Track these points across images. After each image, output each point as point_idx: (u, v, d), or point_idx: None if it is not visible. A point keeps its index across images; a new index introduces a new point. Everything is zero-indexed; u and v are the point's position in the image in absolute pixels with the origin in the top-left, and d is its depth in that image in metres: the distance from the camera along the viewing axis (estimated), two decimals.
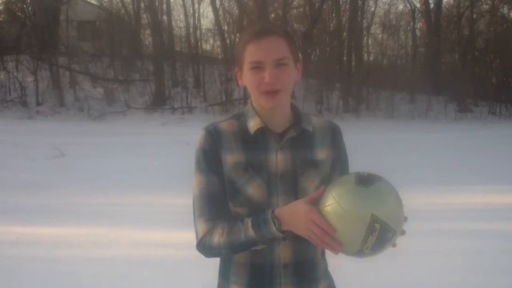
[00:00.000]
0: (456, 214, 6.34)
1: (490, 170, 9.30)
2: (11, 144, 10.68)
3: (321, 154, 1.55)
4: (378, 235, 1.29)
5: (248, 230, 1.40)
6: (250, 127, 1.50)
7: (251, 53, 1.44)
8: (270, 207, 1.46)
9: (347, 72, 20.04)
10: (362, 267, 4.26)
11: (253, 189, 1.47)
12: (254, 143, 1.50)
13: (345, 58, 20.88)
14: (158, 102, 17.19)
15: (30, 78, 16.91)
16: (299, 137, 1.51)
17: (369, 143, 11.89)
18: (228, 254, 1.48)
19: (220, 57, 21.93)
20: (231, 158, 1.48)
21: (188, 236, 1.95)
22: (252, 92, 1.48)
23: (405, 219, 1.39)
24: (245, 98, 17.74)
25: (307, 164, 1.51)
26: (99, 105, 16.50)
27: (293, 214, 1.36)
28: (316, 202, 1.36)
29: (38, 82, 16.65)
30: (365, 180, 1.34)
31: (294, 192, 1.49)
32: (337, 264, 1.72)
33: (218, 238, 1.44)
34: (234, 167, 1.48)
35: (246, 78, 1.48)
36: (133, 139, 11.88)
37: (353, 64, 20.95)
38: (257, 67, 1.43)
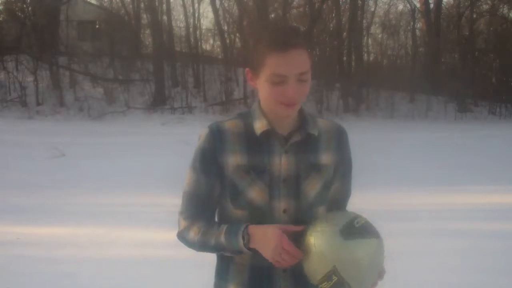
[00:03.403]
0: (456, 214, 6.34)
1: (490, 170, 9.30)
2: (11, 144, 10.68)
3: (325, 158, 1.54)
4: (333, 286, 1.33)
5: (220, 236, 1.44)
6: (256, 128, 1.47)
7: (274, 65, 1.37)
8: (271, 210, 1.46)
9: (347, 72, 20.03)
10: None
11: (254, 193, 1.46)
12: (259, 145, 1.47)
13: (345, 58, 20.87)
14: (158, 102, 17.18)
15: (30, 78, 16.91)
16: (304, 141, 1.49)
17: (369, 143, 11.88)
18: (201, 251, 1.52)
19: (220, 57, 21.93)
20: (233, 160, 1.46)
21: None
22: (269, 101, 1.44)
23: (380, 276, 1.42)
24: (245, 98, 17.74)
25: (310, 168, 1.50)
26: (99, 105, 16.49)
27: (264, 235, 1.39)
28: (290, 234, 1.39)
29: (38, 82, 16.65)
30: (351, 232, 1.35)
31: (296, 196, 1.48)
32: None
33: (193, 235, 1.49)
34: (236, 170, 1.46)
35: (263, 87, 1.42)
36: (133, 139, 11.89)
37: (353, 64, 20.94)
38: (279, 80, 1.38)
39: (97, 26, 22.83)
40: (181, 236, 1.53)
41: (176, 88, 18.28)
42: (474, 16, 22.58)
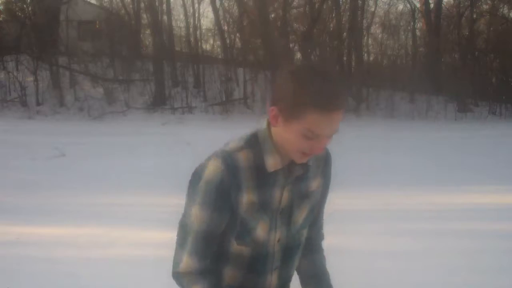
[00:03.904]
0: (456, 214, 6.33)
1: (490, 170, 9.30)
2: (11, 144, 10.68)
3: (314, 184, 1.53)
4: None
5: None
6: (268, 165, 1.40)
7: (314, 123, 1.28)
8: (268, 241, 1.46)
9: (347, 72, 20.03)
10: (362, 267, 4.27)
11: (260, 229, 1.44)
12: (267, 179, 1.42)
13: (345, 58, 20.87)
14: (158, 102, 17.18)
15: (30, 78, 16.91)
16: (301, 174, 1.48)
17: (369, 142, 11.89)
18: None
19: (220, 57, 21.91)
20: (247, 198, 1.40)
21: None
22: (289, 147, 1.36)
23: None
24: (245, 98, 17.74)
25: (302, 197, 1.49)
26: (99, 105, 16.49)
27: None
28: None
29: (38, 82, 16.65)
30: None
31: (287, 224, 1.48)
32: (337, 264, 1.72)
33: None
34: (249, 209, 1.41)
35: (291, 134, 1.33)
36: (133, 139, 11.88)
37: (353, 64, 20.93)
38: (313, 137, 1.31)
39: (97, 26, 22.81)
40: (181, 279, 1.45)
41: (176, 88, 18.28)
42: (474, 16, 22.56)
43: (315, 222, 1.63)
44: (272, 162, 1.41)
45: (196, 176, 1.42)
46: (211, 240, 1.43)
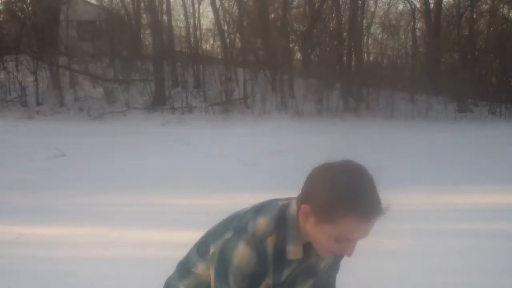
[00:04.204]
0: (456, 214, 6.34)
1: (490, 170, 9.30)
2: (11, 144, 10.68)
3: (323, 264, 1.54)
4: None
5: None
6: (290, 252, 1.40)
7: (349, 230, 1.29)
8: None
9: (347, 72, 20.03)
10: (362, 267, 4.26)
11: None
12: (284, 265, 1.43)
13: (345, 58, 20.85)
14: (158, 102, 17.17)
15: (30, 78, 16.89)
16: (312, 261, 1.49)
17: (369, 142, 11.88)
18: None
19: (220, 57, 21.91)
20: (265, 282, 1.41)
21: (188, 236, 1.95)
22: (318, 246, 1.37)
23: None
24: (245, 98, 17.72)
25: (308, 275, 1.50)
26: (99, 105, 16.48)
27: None
28: None
29: (38, 82, 16.63)
30: None
31: None
32: (340, 270, 1.72)
33: None
34: None
35: (320, 233, 1.33)
36: (133, 139, 11.88)
37: (353, 64, 20.93)
38: (345, 241, 1.33)
39: (97, 26, 22.81)
40: None
41: (176, 88, 18.27)
42: (474, 16, 22.56)
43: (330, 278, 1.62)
44: (293, 252, 1.40)
45: (225, 258, 1.39)
46: None
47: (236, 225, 1.43)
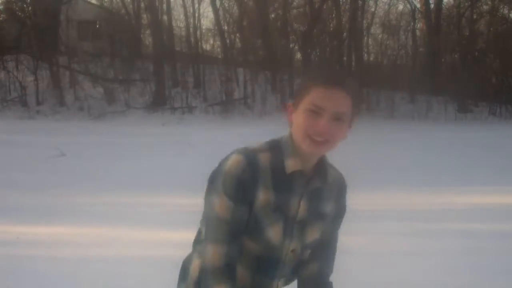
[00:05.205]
0: (456, 214, 6.34)
1: (490, 171, 9.30)
2: (11, 143, 10.68)
3: (328, 207, 1.56)
4: None
5: None
6: (288, 166, 1.46)
7: (316, 96, 1.40)
8: (282, 248, 1.49)
9: (347, 72, 20.03)
10: (360, 267, 4.27)
11: (273, 232, 1.46)
12: (285, 183, 1.46)
13: (345, 58, 20.87)
14: (158, 102, 17.18)
15: (30, 78, 16.90)
16: (319, 188, 1.51)
17: (369, 143, 11.87)
18: None
19: (220, 57, 21.92)
20: (263, 196, 1.44)
21: (188, 236, 1.95)
22: (298, 132, 1.44)
23: None
24: (245, 98, 17.74)
25: (316, 215, 1.52)
26: (99, 104, 16.49)
27: None
28: None
29: (38, 81, 16.65)
30: None
31: (301, 240, 1.51)
32: (337, 263, 1.73)
33: None
34: (264, 207, 1.44)
35: (298, 117, 1.44)
36: (133, 139, 11.88)
37: (353, 64, 20.93)
38: (315, 111, 1.40)
39: (97, 26, 22.82)
40: (205, 278, 1.45)
41: (176, 88, 18.28)
42: (475, 16, 22.57)
43: (326, 250, 1.63)
44: (292, 163, 1.45)
45: (218, 168, 1.47)
46: (236, 232, 1.44)
47: None
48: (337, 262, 1.71)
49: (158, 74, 17.89)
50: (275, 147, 1.49)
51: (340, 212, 1.62)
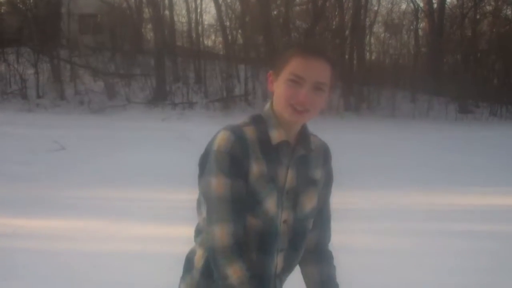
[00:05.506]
0: (455, 215, 6.33)
1: (490, 171, 9.29)
2: (11, 136, 10.65)
3: (316, 173, 1.58)
4: None
5: None
6: (273, 137, 1.49)
7: (296, 66, 1.44)
8: (277, 219, 1.49)
9: (349, 70, 19.99)
10: (361, 266, 4.25)
11: (270, 203, 1.47)
12: (273, 154, 1.49)
13: (347, 56, 20.82)
14: (159, 97, 17.14)
15: (30, 71, 16.86)
16: (304, 156, 1.54)
17: (370, 141, 11.86)
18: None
19: (221, 53, 21.87)
20: (256, 168, 1.45)
21: (187, 231, 1.92)
22: (279, 101, 1.47)
23: None
24: (246, 94, 17.70)
25: (307, 182, 1.55)
26: (99, 99, 16.46)
27: None
28: None
29: (38, 74, 16.61)
30: None
31: (293, 208, 1.53)
32: (336, 262, 1.70)
33: (233, 274, 1.40)
34: (259, 178, 1.46)
35: (279, 87, 1.47)
36: (133, 133, 11.86)
37: (355, 62, 20.89)
38: (296, 81, 1.43)
39: (98, 20, 22.76)
40: (216, 261, 1.43)
41: (177, 83, 18.24)
42: (478, 17, 22.52)
43: (320, 218, 1.64)
44: (276, 135, 1.49)
45: (207, 149, 1.49)
46: (238, 209, 1.44)
47: None
48: (337, 260, 1.70)
49: (159, 69, 17.85)
50: (258, 120, 1.52)
51: (329, 178, 1.65)
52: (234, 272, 1.40)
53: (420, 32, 24.16)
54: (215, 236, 1.43)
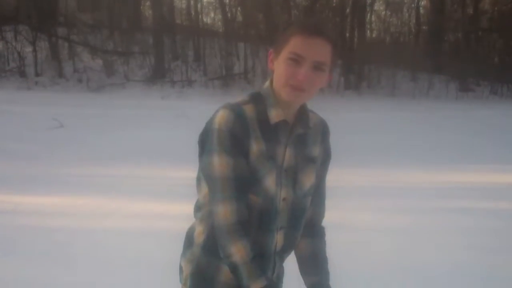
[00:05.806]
0: (456, 193, 6.35)
1: (490, 149, 9.29)
2: (10, 114, 10.62)
3: (315, 151, 1.58)
4: None
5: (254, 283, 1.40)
6: (272, 116, 1.49)
7: (296, 45, 1.43)
8: (276, 197, 1.50)
9: (349, 49, 19.84)
10: (360, 243, 4.28)
11: (270, 181, 1.48)
12: (271, 133, 1.49)
13: (347, 34, 20.63)
14: (158, 75, 17.05)
15: (28, 49, 16.74)
16: (302, 134, 1.54)
17: (370, 120, 11.85)
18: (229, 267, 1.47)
19: (221, 30, 21.67)
20: (256, 146, 1.46)
21: (186, 208, 1.92)
22: (278, 80, 1.47)
23: None
24: (245, 73, 17.59)
25: (306, 160, 1.55)
26: (98, 77, 16.37)
27: None
28: None
29: (36, 52, 16.49)
30: None
31: (293, 186, 1.53)
32: (335, 238, 1.71)
33: (236, 253, 1.42)
34: (259, 156, 1.46)
35: (279, 65, 1.46)
36: (132, 111, 11.83)
37: (355, 40, 20.73)
38: (295, 60, 1.42)
39: None
40: (222, 238, 1.44)
41: (176, 61, 18.12)
42: None
43: (316, 195, 1.64)
44: (275, 114, 1.48)
45: (207, 127, 1.48)
46: (241, 187, 1.45)
47: None
48: (334, 237, 1.70)
49: (157, 47, 17.72)
50: (257, 99, 1.51)
51: (326, 156, 1.65)
52: (237, 250, 1.42)
53: (421, 10, 23.92)
54: (219, 215, 1.44)
